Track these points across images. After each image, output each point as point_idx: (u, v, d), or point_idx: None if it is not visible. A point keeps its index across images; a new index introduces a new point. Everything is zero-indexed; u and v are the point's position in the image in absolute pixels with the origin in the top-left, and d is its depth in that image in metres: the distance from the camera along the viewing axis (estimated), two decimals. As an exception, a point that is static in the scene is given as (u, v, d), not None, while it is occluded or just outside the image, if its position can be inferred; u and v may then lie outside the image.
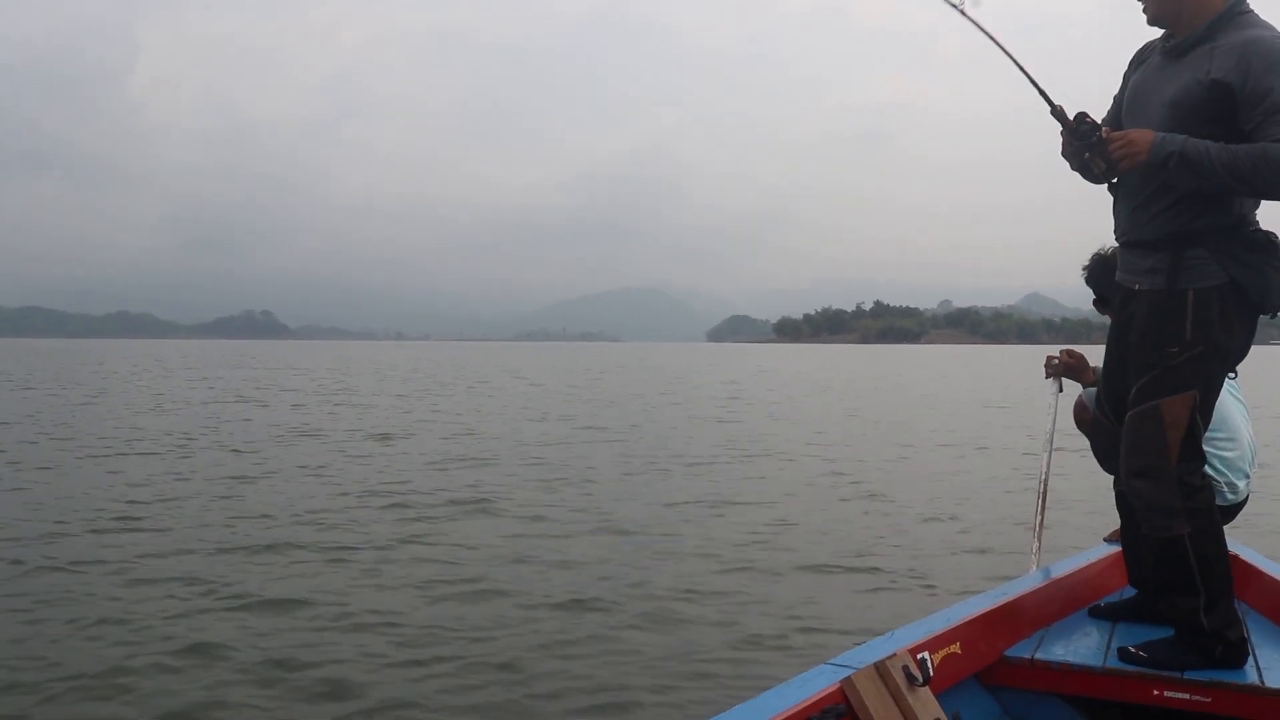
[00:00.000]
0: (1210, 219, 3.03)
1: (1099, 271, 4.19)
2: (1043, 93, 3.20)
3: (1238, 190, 2.95)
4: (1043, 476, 4.57)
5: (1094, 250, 4.28)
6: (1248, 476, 3.90)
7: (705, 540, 8.05)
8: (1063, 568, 3.91)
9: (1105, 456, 3.62)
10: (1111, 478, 3.70)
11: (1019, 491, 10.35)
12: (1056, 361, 4.68)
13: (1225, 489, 3.77)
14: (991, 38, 3.25)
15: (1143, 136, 3.01)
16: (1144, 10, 3.20)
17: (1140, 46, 3.36)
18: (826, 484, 11.29)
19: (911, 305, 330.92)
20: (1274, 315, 3.14)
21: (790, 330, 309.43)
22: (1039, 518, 4.49)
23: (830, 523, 8.97)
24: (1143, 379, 3.11)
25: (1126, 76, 3.35)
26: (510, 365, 59.36)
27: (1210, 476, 3.39)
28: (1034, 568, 4.15)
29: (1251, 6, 3.09)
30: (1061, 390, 4.70)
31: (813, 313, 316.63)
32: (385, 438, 15.38)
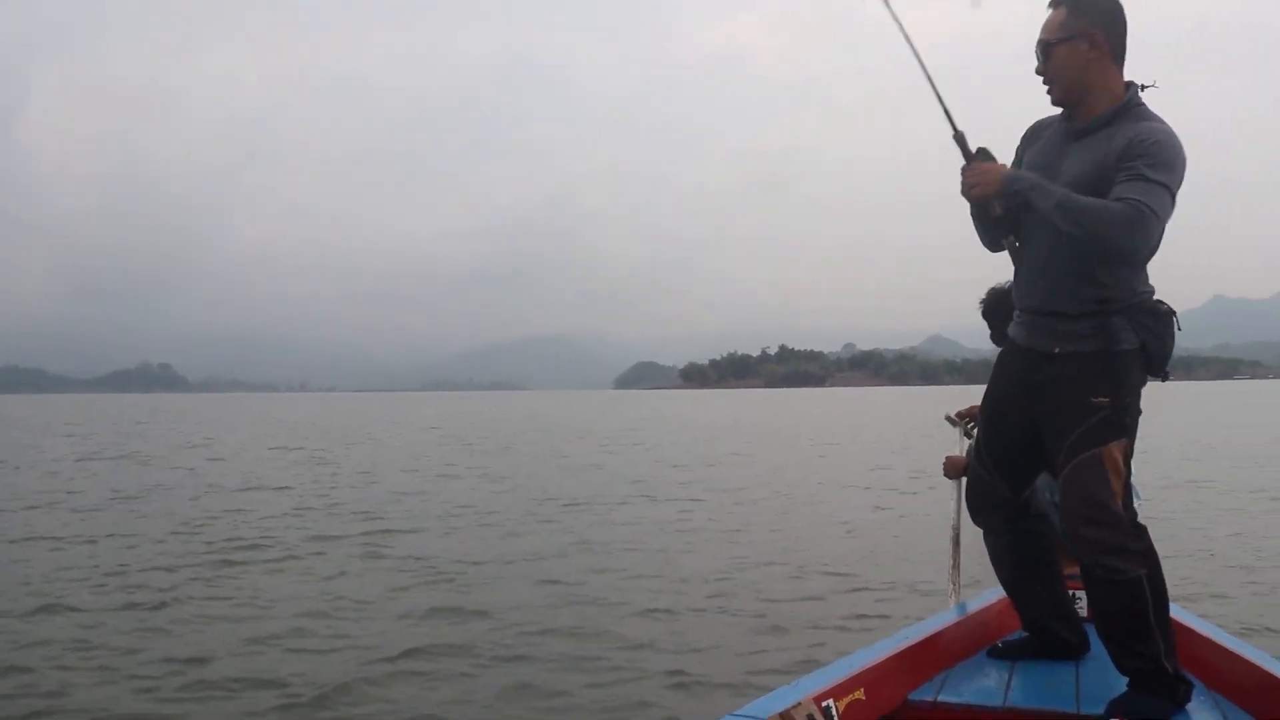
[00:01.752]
0: (1125, 291, 3.28)
1: (995, 306, 4.40)
2: (947, 113, 3.47)
3: (1078, 238, 3.19)
4: (954, 524, 4.65)
5: (990, 286, 4.51)
6: (1139, 497, 3.98)
7: (590, 588, 7.60)
8: (966, 609, 4.03)
9: (978, 510, 3.75)
10: (980, 532, 3.85)
11: (923, 532, 9.98)
12: (962, 419, 4.89)
13: None
14: (909, 42, 3.44)
15: (995, 170, 3.34)
16: (1049, 92, 3.42)
17: (1032, 124, 3.60)
18: (726, 527, 10.81)
19: (816, 349, 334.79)
20: (1165, 379, 3.43)
21: (697, 376, 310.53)
22: (954, 559, 4.57)
23: (730, 568, 8.56)
24: (1074, 433, 3.27)
25: (1020, 152, 3.58)
26: (405, 415, 57.95)
27: None
28: (951, 606, 4.25)
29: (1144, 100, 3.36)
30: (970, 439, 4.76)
31: (719, 358, 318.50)
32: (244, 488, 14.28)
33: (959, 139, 3.40)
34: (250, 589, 7.89)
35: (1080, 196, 3.18)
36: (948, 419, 5.15)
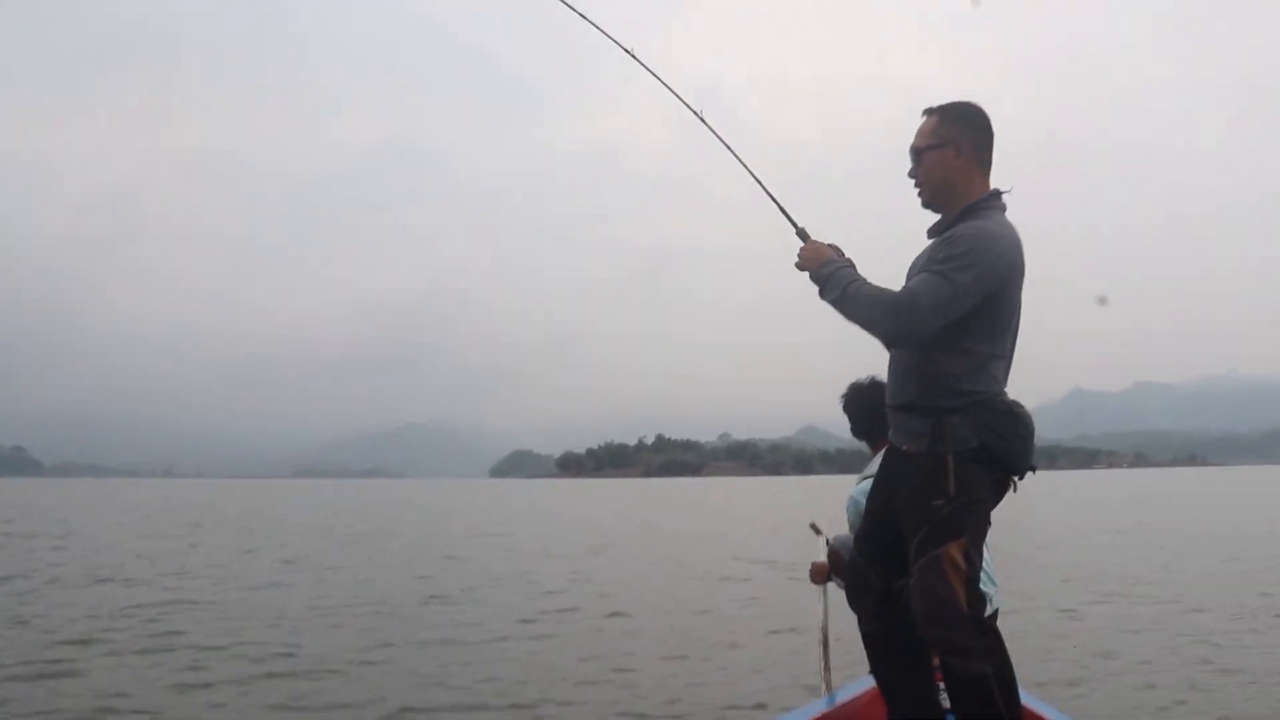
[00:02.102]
0: (966, 390, 3.37)
1: (854, 403, 4.64)
2: (786, 214, 3.76)
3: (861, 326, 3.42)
4: (822, 626, 4.75)
5: (851, 381, 4.70)
6: (996, 585, 4.18)
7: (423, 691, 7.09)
8: (835, 699, 4.13)
9: (855, 595, 3.88)
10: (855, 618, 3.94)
11: (797, 622, 9.74)
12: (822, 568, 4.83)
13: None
14: (729, 148, 3.84)
15: (823, 253, 3.59)
16: (919, 194, 3.61)
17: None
18: (592, 620, 10.54)
19: (692, 438, 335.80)
20: (1022, 477, 3.48)
21: (573, 465, 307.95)
22: (824, 660, 4.66)
23: (599, 659, 8.31)
24: (919, 534, 3.36)
25: None
26: (267, 503, 56.00)
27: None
28: (823, 696, 4.35)
29: (1005, 201, 3.53)
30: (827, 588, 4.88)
31: (595, 447, 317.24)
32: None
33: (802, 236, 3.70)
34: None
35: (869, 288, 3.42)
36: (812, 528, 5.20)
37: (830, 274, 3.51)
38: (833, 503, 5.20)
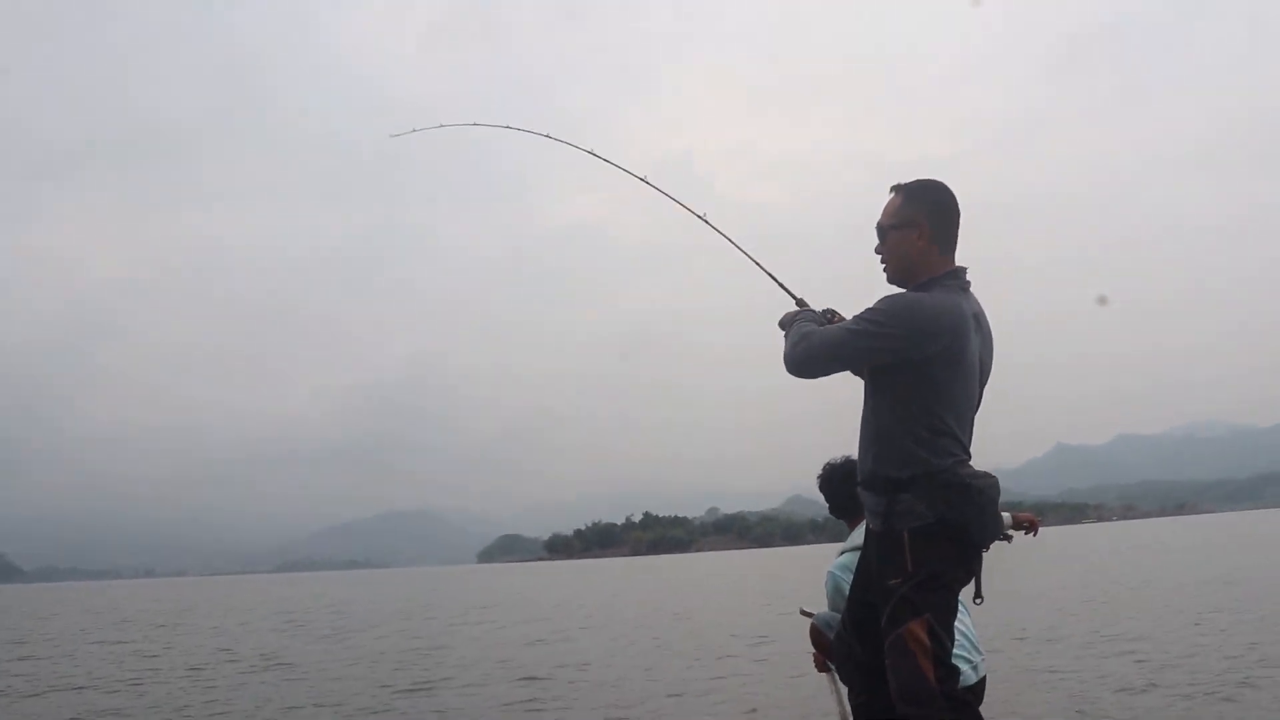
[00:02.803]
0: (914, 466, 3.41)
1: (829, 482, 4.84)
2: (785, 288, 4.08)
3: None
4: (840, 712, 4.63)
5: (826, 461, 4.91)
6: (981, 654, 4.32)
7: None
8: None
9: (841, 666, 4.02)
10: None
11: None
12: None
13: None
14: (733, 242, 4.32)
15: (793, 313, 3.87)
16: (884, 270, 3.73)
17: None
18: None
19: (680, 514, 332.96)
20: (987, 548, 3.48)
21: (561, 547, 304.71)
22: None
23: None
24: (885, 615, 3.40)
25: None
26: (247, 600, 54.73)
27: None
28: None
29: (965, 277, 3.65)
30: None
31: (583, 528, 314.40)
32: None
33: (802, 307, 3.96)
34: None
35: (807, 325, 3.67)
36: (803, 613, 5.12)
37: (798, 313, 3.82)
38: (820, 575, 4.90)
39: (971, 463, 3.57)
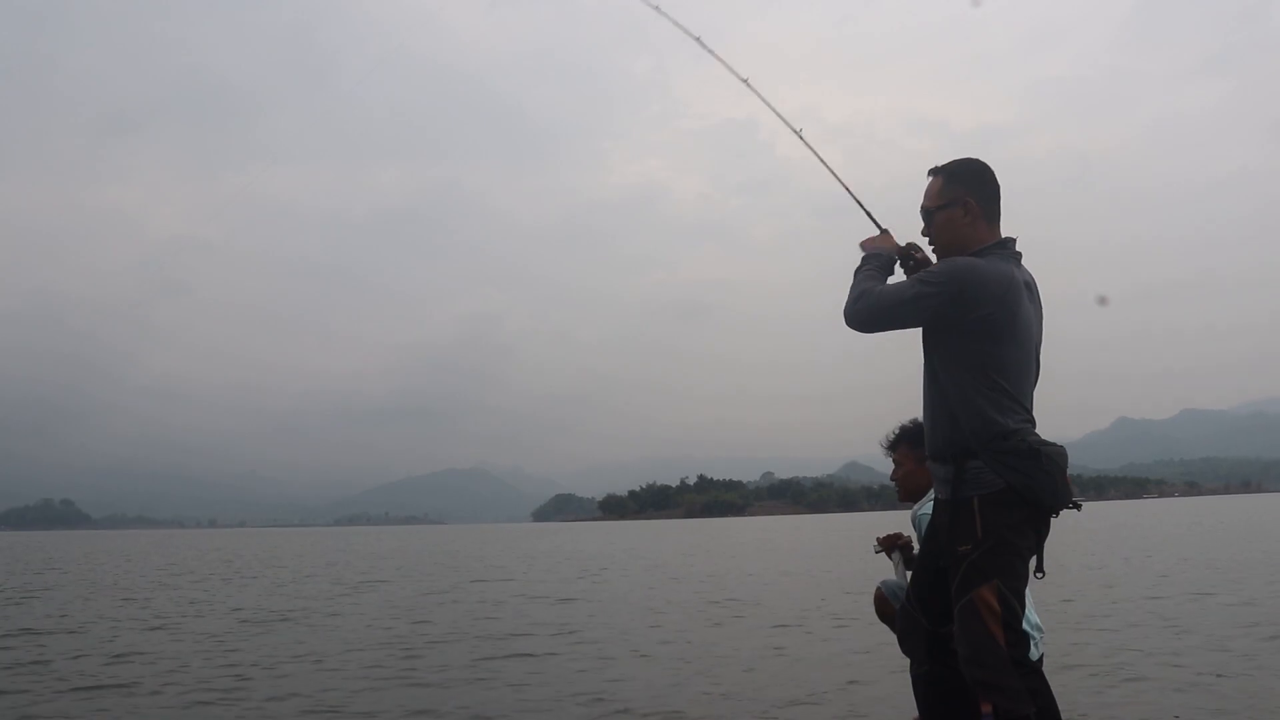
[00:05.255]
0: (982, 432, 3.45)
1: (909, 431, 4.86)
2: (870, 216, 4.06)
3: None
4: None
5: (900, 423, 4.95)
6: (1041, 631, 4.33)
7: None
8: None
9: (905, 637, 4.03)
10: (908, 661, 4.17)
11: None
12: (884, 544, 5.00)
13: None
14: (824, 161, 4.24)
15: (886, 241, 3.93)
16: (933, 251, 3.83)
17: None
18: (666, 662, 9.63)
19: (735, 478, 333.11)
20: (1056, 513, 3.50)
21: (616, 507, 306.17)
22: None
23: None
24: (955, 581, 3.44)
25: None
26: (306, 549, 55.55)
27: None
28: None
29: (1014, 248, 3.70)
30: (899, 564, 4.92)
31: (638, 489, 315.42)
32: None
33: (884, 233, 4.02)
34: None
35: (873, 289, 3.66)
36: (878, 546, 5.09)
37: (877, 265, 3.81)
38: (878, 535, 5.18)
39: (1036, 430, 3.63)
